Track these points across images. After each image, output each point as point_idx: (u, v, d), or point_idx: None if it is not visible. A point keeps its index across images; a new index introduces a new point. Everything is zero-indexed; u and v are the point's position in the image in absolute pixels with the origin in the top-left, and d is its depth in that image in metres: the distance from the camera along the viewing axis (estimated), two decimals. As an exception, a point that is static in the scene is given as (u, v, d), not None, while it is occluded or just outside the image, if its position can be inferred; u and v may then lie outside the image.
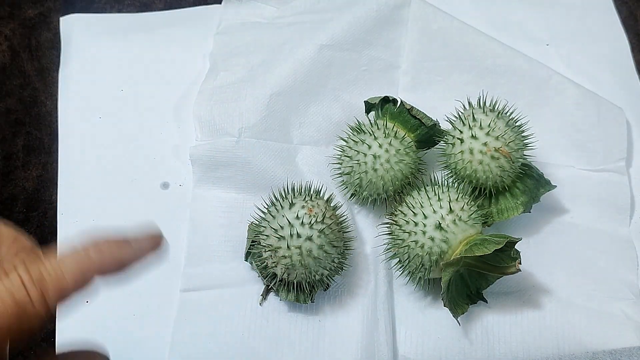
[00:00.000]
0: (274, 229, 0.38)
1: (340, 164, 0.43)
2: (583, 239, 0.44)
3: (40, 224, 0.46)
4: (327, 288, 0.41)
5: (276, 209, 0.39)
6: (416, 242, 0.38)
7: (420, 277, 0.39)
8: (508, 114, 0.41)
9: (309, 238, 0.37)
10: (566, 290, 0.42)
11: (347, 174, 0.42)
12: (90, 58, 0.51)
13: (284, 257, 0.37)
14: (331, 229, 0.38)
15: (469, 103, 0.42)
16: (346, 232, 0.40)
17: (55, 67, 0.51)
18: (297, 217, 0.37)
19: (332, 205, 0.40)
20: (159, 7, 0.54)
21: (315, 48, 0.48)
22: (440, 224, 0.37)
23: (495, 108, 0.41)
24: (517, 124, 0.41)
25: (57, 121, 0.49)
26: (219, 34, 0.51)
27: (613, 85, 0.51)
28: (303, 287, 0.39)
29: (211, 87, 0.48)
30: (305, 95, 0.47)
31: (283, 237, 0.37)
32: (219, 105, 0.46)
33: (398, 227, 0.39)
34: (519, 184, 0.42)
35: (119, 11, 0.54)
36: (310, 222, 0.37)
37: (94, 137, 0.48)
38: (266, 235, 0.38)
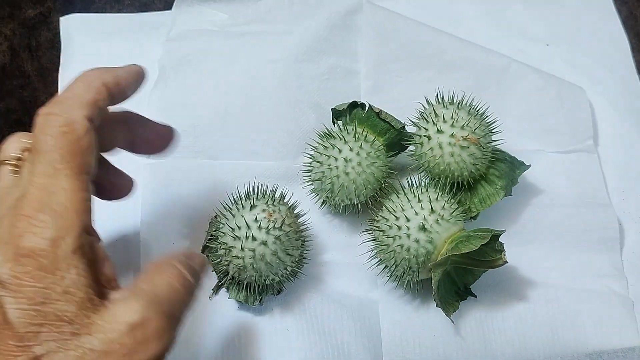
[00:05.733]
0: (231, 227, 0.38)
1: (311, 170, 0.42)
2: (564, 222, 0.45)
3: (40, 224, 0.46)
4: (279, 293, 0.41)
5: (237, 208, 0.39)
6: (401, 246, 0.38)
7: (408, 281, 0.39)
8: (467, 103, 0.42)
9: (264, 243, 0.37)
10: (552, 273, 0.43)
11: (318, 179, 0.41)
12: (90, 58, 0.51)
13: (237, 257, 0.37)
14: (288, 236, 0.38)
15: (427, 101, 0.42)
16: (306, 240, 0.40)
17: (56, 67, 0.51)
18: (256, 220, 0.37)
19: (294, 212, 0.40)
20: (159, 7, 0.54)
21: (269, 63, 0.48)
22: (423, 225, 0.38)
23: (455, 101, 0.42)
24: (478, 112, 0.42)
25: (57, 121, 0.49)
26: (168, 41, 0.50)
27: (613, 85, 0.51)
28: (252, 289, 0.39)
29: (159, 98, 0.47)
30: (265, 112, 0.47)
31: (238, 238, 0.37)
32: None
33: (381, 233, 0.39)
34: (494, 170, 0.42)
35: (119, 11, 0.54)
36: (267, 227, 0.37)
37: (94, 137, 0.48)
38: (223, 233, 0.38)
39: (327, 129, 0.43)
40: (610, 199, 0.46)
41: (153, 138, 0.37)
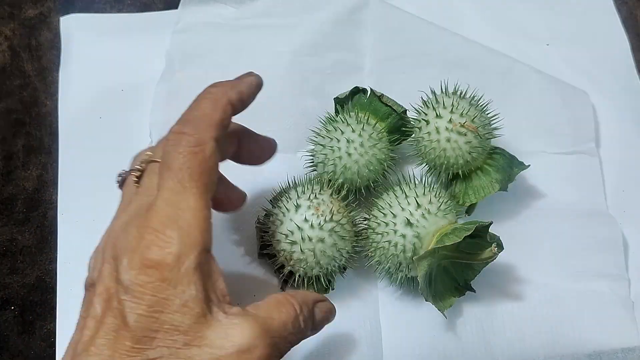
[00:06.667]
0: (284, 234, 0.38)
1: (314, 155, 0.42)
2: (565, 222, 0.45)
3: (40, 224, 0.46)
4: (345, 270, 0.41)
5: (282, 212, 0.39)
6: (389, 242, 0.38)
7: (401, 277, 0.39)
8: (470, 96, 0.42)
9: (321, 240, 0.37)
10: (553, 274, 0.43)
11: (321, 162, 0.42)
12: (91, 58, 0.51)
13: (299, 260, 0.38)
14: (341, 224, 0.38)
15: (432, 92, 0.43)
16: (355, 218, 0.40)
17: (56, 67, 0.51)
18: (306, 220, 0.37)
19: (337, 195, 0.40)
20: (159, 7, 0.54)
21: (275, 56, 0.48)
22: (409, 220, 0.38)
23: (458, 92, 0.42)
24: (479, 104, 0.42)
25: (57, 121, 0.49)
26: (176, 33, 0.51)
27: (613, 85, 0.51)
28: (322, 280, 0.40)
29: (167, 89, 0.48)
30: (269, 105, 0.46)
31: (295, 242, 0.38)
32: (178, 115, 0.45)
33: (372, 231, 0.39)
34: (491, 162, 0.42)
35: (119, 11, 0.54)
36: (319, 223, 0.37)
37: (94, 137, 0.48)
38: (277, 240, 0.38)
39: (329, 114, 0.43)
40: (611, 199, 0.46)
41: (257, 150, 0.38)
